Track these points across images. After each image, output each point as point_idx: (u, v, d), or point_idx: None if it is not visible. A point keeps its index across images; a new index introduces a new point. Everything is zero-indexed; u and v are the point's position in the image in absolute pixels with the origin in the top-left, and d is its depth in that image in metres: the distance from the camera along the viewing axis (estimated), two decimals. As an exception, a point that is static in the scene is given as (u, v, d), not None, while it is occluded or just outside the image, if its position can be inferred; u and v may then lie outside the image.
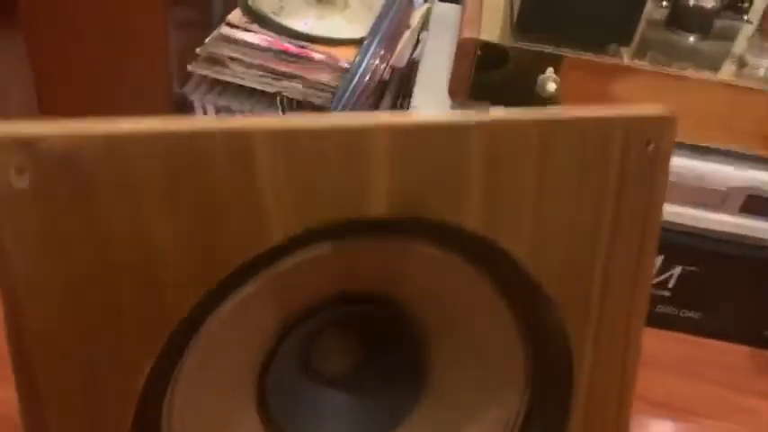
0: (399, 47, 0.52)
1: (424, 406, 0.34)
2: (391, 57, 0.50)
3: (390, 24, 0.51)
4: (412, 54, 0.53)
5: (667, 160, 0.29)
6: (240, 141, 0.23)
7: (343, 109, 0.49)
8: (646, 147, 0.28)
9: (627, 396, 0.31)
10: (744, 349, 0.56)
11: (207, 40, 0.50)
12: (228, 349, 0.28)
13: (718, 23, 0.49)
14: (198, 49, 0.50)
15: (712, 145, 0.46)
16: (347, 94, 0.48)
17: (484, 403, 0.33)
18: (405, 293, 0.31)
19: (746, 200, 0.48)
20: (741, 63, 0.46)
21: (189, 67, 0.51)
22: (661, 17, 0.49)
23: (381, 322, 0.32)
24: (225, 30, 0.50)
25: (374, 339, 0.34)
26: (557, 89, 0.44)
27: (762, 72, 0.45)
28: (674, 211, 0.48)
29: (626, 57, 0.45)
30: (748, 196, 0.48)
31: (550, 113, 0.27)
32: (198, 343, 0.26)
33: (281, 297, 0.29)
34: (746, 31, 0.50)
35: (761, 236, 0.49)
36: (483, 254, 0.28)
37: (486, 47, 0.44)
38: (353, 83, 0.48)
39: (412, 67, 0.53)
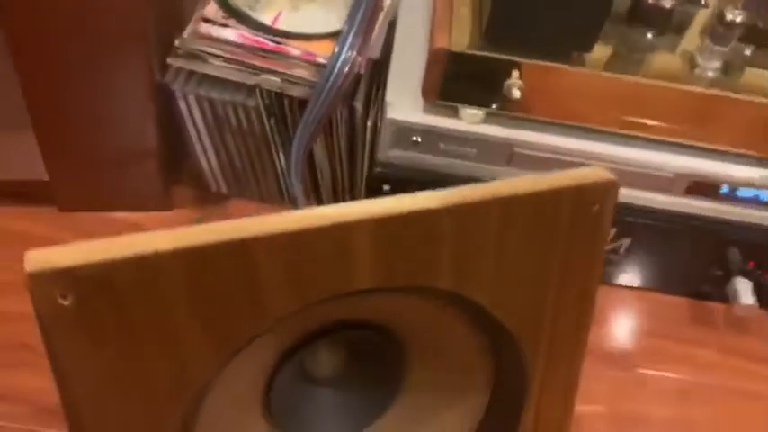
0: (374, 36, 0.54)
1: (399, 404, 0.40)
2: (366, 47, 0.52)
3: (365, 13, 0.52)
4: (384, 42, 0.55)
5: (609, 217, 0.33)
6: (242, 250, 0.27)
7: (323, 104, 0.51)
8: (591, 208, 0.33)
9: (571, 397, 0.38)
10: (681, 301, 0.63)
11: (185, 35, 0.51)
12: (239, 382, 0.34)
13: (678, 13, 0.51)
14: (176, 43, 0.52)
15: (665, 138, 0.51)
16: (325, 91, 0.51)
17: (448, 403, 0.39)
18: (391, 324, 0.36)
19: (691, 184, 0.53)
20: (692, 64, 0.49)
21: (169, 61, 0.53)
22: (623, 10, 0.51)
23: (368, 340, 0.38)
24: (202, 27, 0.51)
25: (359, 349, 0.39)
26: (521, 95, 0.47)
27: (710, 74, 0.49)
28: (628, 194, 0.53)
29: (587, 63, 0.48)
30: (693, 182, 0.53)
31: (509, 187, 0.31)
32: (214, 386, 0.32)
33: (281, 337, 0.34)
34: (702, 18, 0.53)
35: (700, 213, 0.55)
36: (454, 299, 0.33)
37: (456, 56, 0.47)
38: (331, 79, 0.50)
39: (385, 55, 0.55)
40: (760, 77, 0.50)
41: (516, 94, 0.47)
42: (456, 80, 0.48)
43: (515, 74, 0.47)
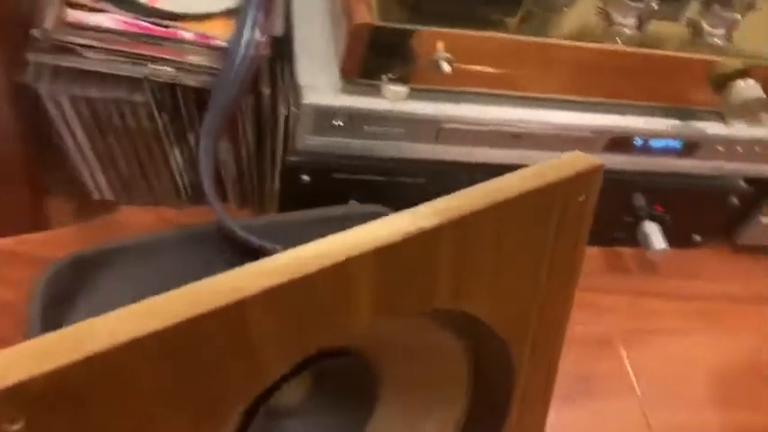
0: (274, 10, 0.48)
1: (376, 420, 0.37)
2: (268, 24, 0.46)
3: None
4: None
5: (593, 206, 0.31)
6: (231, 314, 0.22)
7: (230, 93, 0.45)
8: (577, 198, 0.31)
9: (549, 394, 0.37)
10: (596, 251, 0.65)
11: (46, 25, 0.42)
12: None
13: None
14: (35, 33, 0.42)
15: (579, 98, 0.50)
16: (232, 78, 0.44)
17: (427, 414, 0.37)
18: (369, 344, 0.33)
19: (608, 142, 0.53)
20: (609, 22, 0.48)
21: (29, 57, 0.43)
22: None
23: (340, 366, 0.34)
24: (69, 14, 0.42)
25: (328, 377, 0.35)
26: (451, 70, 0.44)
27: (627, 31, 0.48)
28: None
29: (511, 29, 0.45)
30: (610, 139, 0.53)
31: (500, 190, 0.28)
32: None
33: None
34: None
35: (615, 166, 0.55)
36: (442, 315, 0.30)
37: (380, 30, 0.42)
38: (236, 63, 0.44)
39: (285, 31, 0.49)
40: (669, 29, 0.50)
41: (446, 67, 0.44)
42: (379, 56, 0.44)
43: (441, 45, 0.44)
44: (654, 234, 0.60)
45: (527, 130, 0.49)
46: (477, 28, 0.44)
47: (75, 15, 0.42)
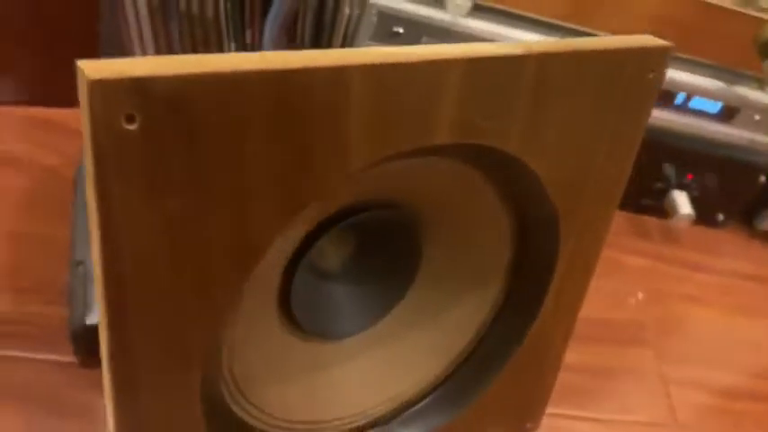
0: None
1: (416, 292, 0.38)
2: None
3: None
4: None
5: (659, 87, 0.32)
6: (338, 77, 0.23)
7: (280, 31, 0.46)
8: (648, 75, 0.32)
9: (589, 278, 0.38)
10: (622, 215, 0.66)
11: None
12: (266, 262, 0.30)
13: None
14: None
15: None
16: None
17: (469, 288, 0.37)
18: (415, 197, 0.33)
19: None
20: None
21: None
22: None
23: (384, 222, 0.34)
24: None
25: (373, 237, 0.36)
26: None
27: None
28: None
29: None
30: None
31: (582, 44, 0.29)
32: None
33: (317, 212, 0.30)
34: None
35: (658, 123, 0.57)
36: (501, 167, 0.31)
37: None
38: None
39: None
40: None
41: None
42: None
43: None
44: (681, 199, 0.61)
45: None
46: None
47: None
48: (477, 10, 0.48)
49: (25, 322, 0.41)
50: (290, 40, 0.51)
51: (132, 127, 0.20)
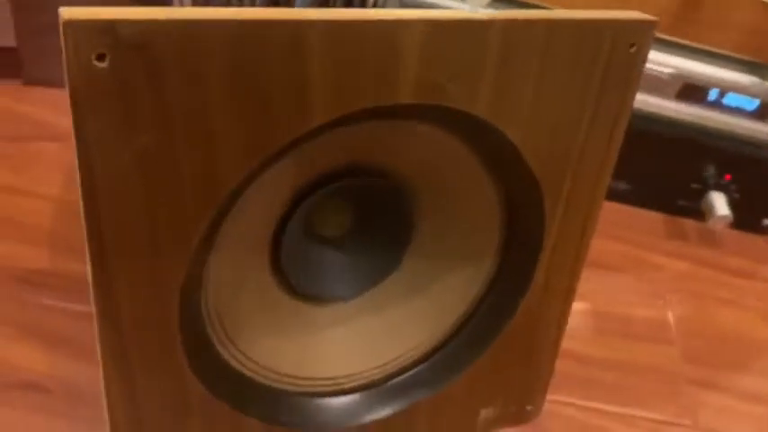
0: None
1: (409, 262, 0.39)
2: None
3: None
4: None
5: (644, 61, 0.33)
6: (298, 32, 0.25)
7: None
8: (629, 48, 0.32)
9: (586, 243, 0.38)
10: (658, 216, 0.65)
11: None
12: (254, 214, 0.32)
13: None
14: None
15: (662, 35, 0.51)
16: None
17: (461, 260, 0.38)
18: (403, 165, 0.35)
19: (682, 86, 0.54)
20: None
21: None
22: None
23: (376, 191, 0.36)
24: None
25: (367, 206, 0.38)
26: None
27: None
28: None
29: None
30: (684, 84, 0.54)
31: (555, 14, 0.30)
32: (235, 208, 0.30)
33: (300, 168, 0.32)
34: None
35: (691, 120, 0.56)
36: (478, 134, 0.33)
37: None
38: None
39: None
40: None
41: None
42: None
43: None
44: (719, 200, 0.59)
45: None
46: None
47: None
48: (497, 1, 0.49)
49: (59, 275, 0.45)
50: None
51: (103, 65, 0.23)
